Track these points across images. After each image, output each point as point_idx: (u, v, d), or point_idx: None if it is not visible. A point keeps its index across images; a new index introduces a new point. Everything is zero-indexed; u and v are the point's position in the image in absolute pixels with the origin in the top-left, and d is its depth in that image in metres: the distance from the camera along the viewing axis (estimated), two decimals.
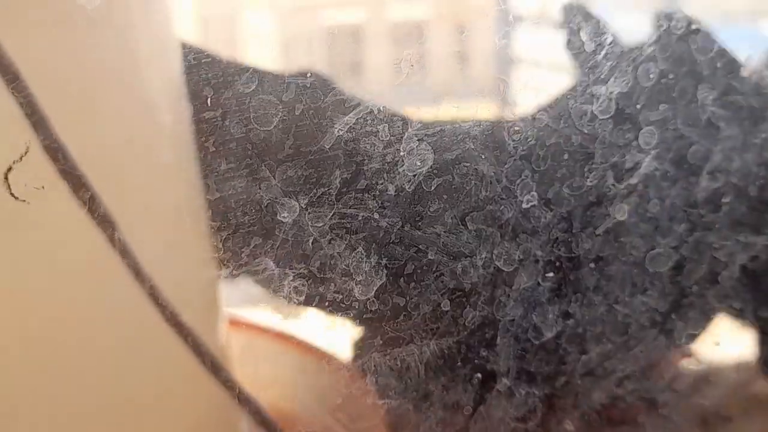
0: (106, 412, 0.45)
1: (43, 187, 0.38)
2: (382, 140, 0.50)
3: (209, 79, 0.46)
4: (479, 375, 0.57)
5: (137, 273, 0.41)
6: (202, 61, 0.46)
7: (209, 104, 0.47)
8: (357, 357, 0.57)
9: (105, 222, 0.40)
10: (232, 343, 0.56)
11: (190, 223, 0.50)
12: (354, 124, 0.49)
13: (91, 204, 0.40)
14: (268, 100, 0.47)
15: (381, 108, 0.50)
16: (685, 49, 0.62)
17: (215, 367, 0.43)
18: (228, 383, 0.44)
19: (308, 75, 0.48)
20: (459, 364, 0.56)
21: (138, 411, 0.46)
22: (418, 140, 0.51)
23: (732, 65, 0.65)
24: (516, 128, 0.56)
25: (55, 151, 0.38)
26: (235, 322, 0.58)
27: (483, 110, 0.60)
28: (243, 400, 0.44)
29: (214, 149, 0.48)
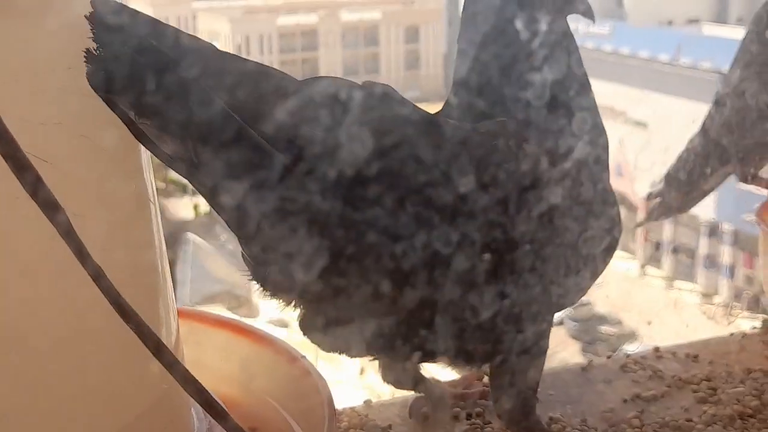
0: (51, 397, 0.45)
1: None
2: (323, 125, 0.51)
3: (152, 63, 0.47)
4: (419, 353, 0.59)
5: (81, 256, 0.42)
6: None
7: (152, 88, 0.47)
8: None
9: (48, 205, 0.40)
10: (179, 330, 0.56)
11: (135, 207, 0.51)
12: (296, 109, 0.50)
13: (35, 187, 0.40)
14: (209, 84, 0.47)
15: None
16: None
17: (158, 350, 0.44)
18: (171, 365, 0.45)
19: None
20: (399, 343, 0.57)
21: (83, 395, 0.46)
22: (359, 125, 0.52)
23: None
24: (453, 115, 0.58)
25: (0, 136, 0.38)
26: (180, 311, 0.59)
27: (433, 110, 0.62)
28: (186, 381, 0.45)
29: (156, 133, 0.48)
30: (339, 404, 0.66)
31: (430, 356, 0.60)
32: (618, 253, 0.65)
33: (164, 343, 0.45)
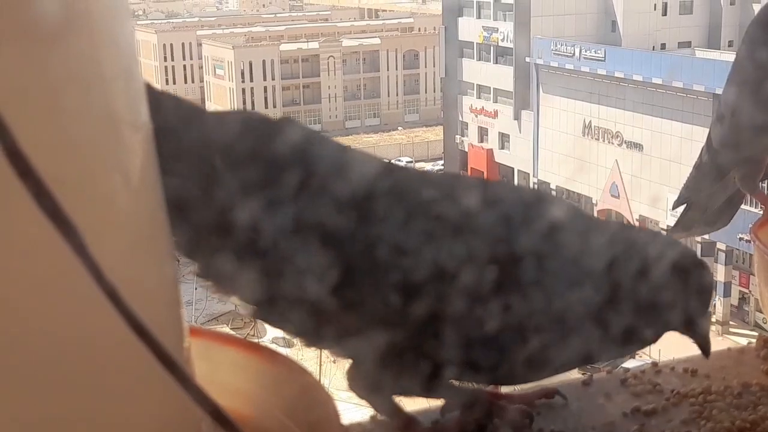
0: (64, 415, 0.46)
1: None
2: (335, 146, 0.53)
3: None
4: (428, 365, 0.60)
5: (96, 274, 0.43)
6: None
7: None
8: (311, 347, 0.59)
9: (65, 226, 0.42)
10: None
11: (148, 226, 0.52)
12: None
13: (50, 205, 0.41)
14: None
15: None
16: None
17: (171, 366, 0.45)
18: (184, 381, 0.46)
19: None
20: (408, 354, 0.59)
21: (96, 412, 0.47)
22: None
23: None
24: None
25: (15, 156, 0.40)
26: (191, 329, 0.60)
27: (431, 134, 0.64)
28: (199, 397, 0.46)
29: (173, 153, 0.50)
30: (346, 420, 0.67)
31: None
32: None
33: (177, 359, 0.46)
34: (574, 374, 0.81)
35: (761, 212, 1.05)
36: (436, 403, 0.76)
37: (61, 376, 0.45)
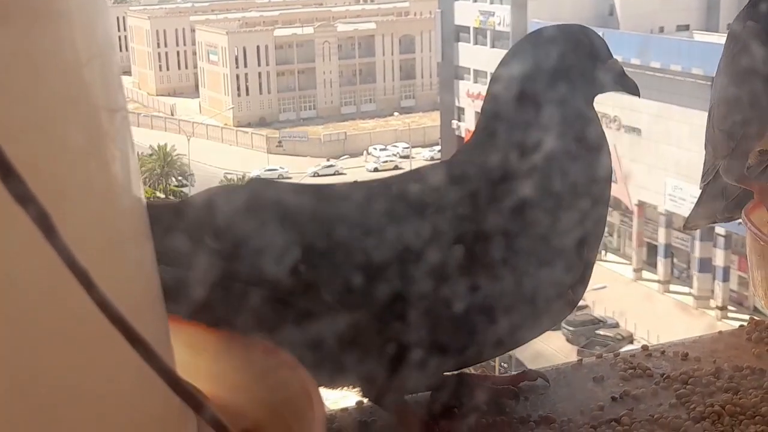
0: (43, 406, 0.45)
1: None
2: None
3: None
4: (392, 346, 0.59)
5: (66, 258, 0.42)
6: None
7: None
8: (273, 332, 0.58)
9: (34, 208, 0.41)
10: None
11: (128, 211, 0.51)
12: None
13: (18, 189, 0.40)
14: None
15: None
16: (582, 32, 0.66)
17: (136, 340, 0.44)
18: (149, 356, 0.45)
19: None
20: (372, 336, 0.58)
21: (76, 404, 0.46)
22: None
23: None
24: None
25: None
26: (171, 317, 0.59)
27: (428, 119, 0.63)
28: (163, 372, 0.45)
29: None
30: (332, 405, 0.66)
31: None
32: (614, 258, 0.66)
33: (146, 339, 0.45)
34: (564, 358, 0.80)
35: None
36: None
37: (39, 360, 0.44)
